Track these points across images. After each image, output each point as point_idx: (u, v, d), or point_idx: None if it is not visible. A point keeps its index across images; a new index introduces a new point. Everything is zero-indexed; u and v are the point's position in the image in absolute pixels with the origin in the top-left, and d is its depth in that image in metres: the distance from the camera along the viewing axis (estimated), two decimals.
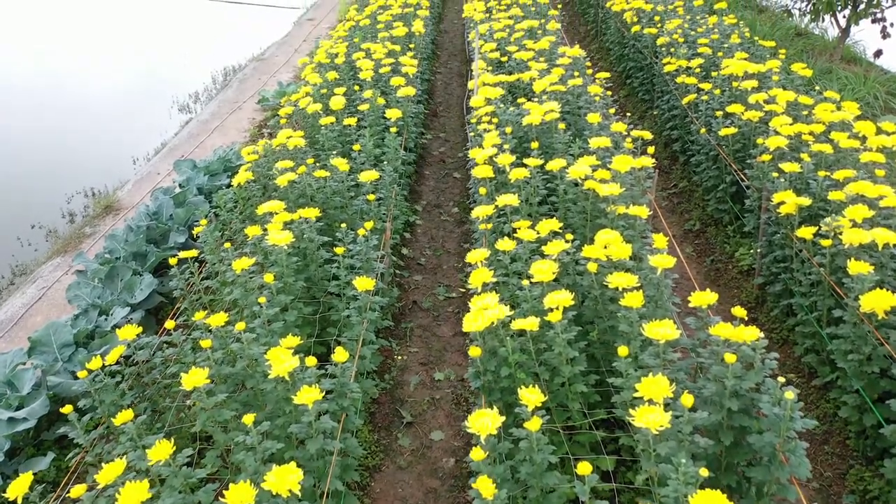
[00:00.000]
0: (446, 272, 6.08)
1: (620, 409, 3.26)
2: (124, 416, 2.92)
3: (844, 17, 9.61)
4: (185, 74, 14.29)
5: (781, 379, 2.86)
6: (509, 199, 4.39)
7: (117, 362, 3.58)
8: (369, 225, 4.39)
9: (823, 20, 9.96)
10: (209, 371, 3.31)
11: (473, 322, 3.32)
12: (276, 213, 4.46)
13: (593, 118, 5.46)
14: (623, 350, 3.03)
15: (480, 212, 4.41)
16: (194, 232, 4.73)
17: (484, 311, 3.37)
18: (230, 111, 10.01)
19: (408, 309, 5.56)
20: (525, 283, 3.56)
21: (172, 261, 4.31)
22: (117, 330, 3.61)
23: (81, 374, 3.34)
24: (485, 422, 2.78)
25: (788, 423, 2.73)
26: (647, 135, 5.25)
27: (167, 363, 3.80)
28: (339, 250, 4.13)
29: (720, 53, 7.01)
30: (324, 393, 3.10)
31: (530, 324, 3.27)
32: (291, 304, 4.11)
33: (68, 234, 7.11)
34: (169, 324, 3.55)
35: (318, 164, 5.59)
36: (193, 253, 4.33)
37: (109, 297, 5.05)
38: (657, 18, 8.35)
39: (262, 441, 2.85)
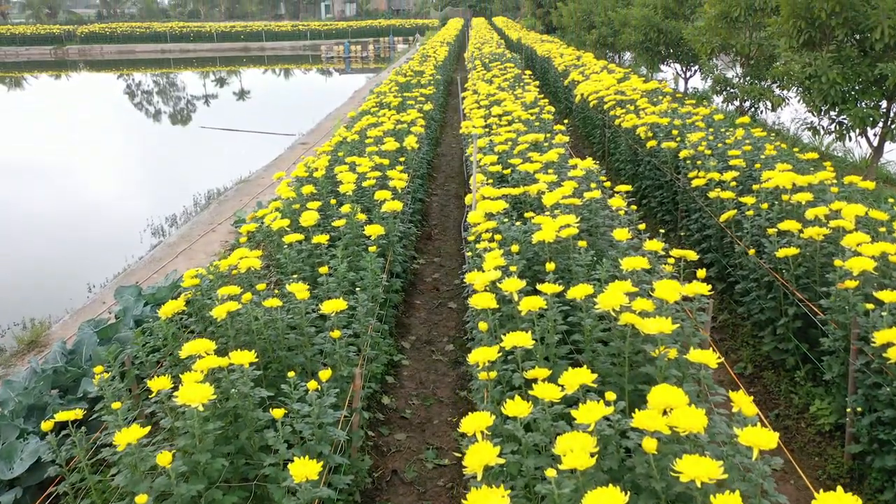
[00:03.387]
0: (437, 429, 4.77)
1: None
2: None
3: (875, 134, 8.86)
4: (166, 198, 13.53)
5: None
6: (520, 340, 3.20)
7: None
8: (325, 374, 3.16)
9: (850, 139, 9.19)
10: None
11: None
12: (201, 357, 3.25)
13: (621, 234, 4.37)
14: None
15: (480, 356, 3.20)
16: (94, 381, 3.49)
17: None
18: (202, 233, 9.02)
19: (385, 482, 4.20)
20: (551, 473, 2.29)
21: (46, 425, 3.06)
22: None
23: None
24: None
25: None
26: (692, 255, 4.14)
27: None
28: (278, 412, 2.88)
29: (757, 165, 6.06)
30: None
31: None
32: (206, 492, 2.81)
33: None
34: None
35: (275, 292, 4.45)
36: (77, 414, 3.08)
37: None
38: (675, 132, 7.53)
39: None
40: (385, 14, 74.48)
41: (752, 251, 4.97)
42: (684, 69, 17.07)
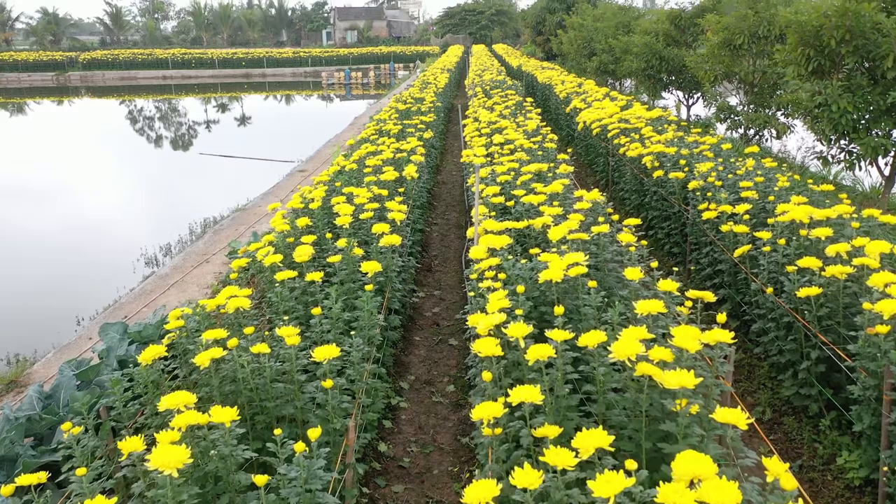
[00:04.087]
0: (437, 480, 4.46)
1: None
2: None
3: (887, 164, 8.63)
4: (161, 226, 13.31)
5: None
6: (528, 394, 2.92)
7: None
8: (315, 433, 2.88)
9: (860, 168, 8.97)
10: None
11: None
12: (179, 412, 2.98)
13: (633, 273, 4.11)
14: None
15: (485, 412, 2.93)
16: (65, 437, 3.21)
17: None
18: (195, 264, 8.77)
19: None
20: None
21: (5, 490, 2.78)
22: None
23: None
24: None
25: None
26: (710, 296, 3.88)
27: None
28: (261, 479, 2.60)
29: (771, 198, 5.82)
30: None
31: None
32: None
33: None
34: None
35: (265, 333, 4.18)
36: (41, 477, 2.80)
37: None
38: (683, 162, 7.31)
39: None
40: (386, 41, 75.11)
41: (770, 290, 4.70)
42: (686, 96, 16.94)
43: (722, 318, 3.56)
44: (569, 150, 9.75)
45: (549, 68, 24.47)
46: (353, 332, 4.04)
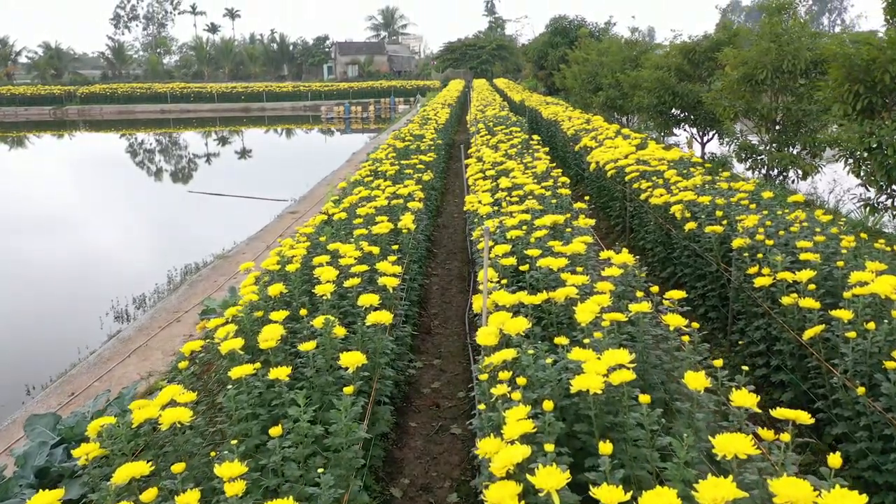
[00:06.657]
0: None
1: None
2: None
3: None
4: (139, 271, 12.34)
5: None
6: None
7: None
8: None
9: None
10: None
11: None
12: None
13: (696, 381, 3.10)
14: None
15: None
16: None
17: None
18: (164, 324, 7.76)
19: None
20: None
21: None
22: None
23: None
24: None
25: None
26: (806, 417, 2.87)
27: None
28: None
29: (840, 263, 4.83)
30: None
31: None
32: None
33: None
34: None
35: (210, 455, 3.18)
36: None
37: None
38: (720, 213, 6.34)
39: None
40: (387, 75, 75.00)
41: (861, 389, 3.69)
42: (700, 133, 16.10)
43: (836, 461, 2.55)
44: (586, 199, 8.82)
45: (553, 103, 23.72)
46: (321, 467, 3.02)
